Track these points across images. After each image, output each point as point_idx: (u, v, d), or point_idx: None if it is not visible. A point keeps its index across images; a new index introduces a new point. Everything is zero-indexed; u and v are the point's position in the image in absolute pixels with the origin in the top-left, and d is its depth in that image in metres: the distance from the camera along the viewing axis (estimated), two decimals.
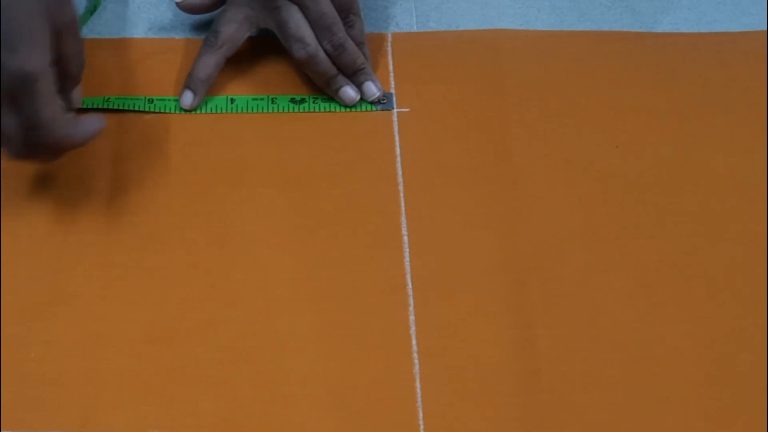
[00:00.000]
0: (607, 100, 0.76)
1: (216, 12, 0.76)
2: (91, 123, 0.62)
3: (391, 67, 0.78)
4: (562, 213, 0.70)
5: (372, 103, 0.75)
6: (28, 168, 0.70)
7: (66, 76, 0.62)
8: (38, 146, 0.60)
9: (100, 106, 0.72)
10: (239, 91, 0.76)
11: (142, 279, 0.67)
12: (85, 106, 0.72)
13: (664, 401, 0.63)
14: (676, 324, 0.66)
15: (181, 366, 0.63)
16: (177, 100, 0.74)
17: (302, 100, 0.75)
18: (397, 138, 0.74)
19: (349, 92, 0.74)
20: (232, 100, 0.75)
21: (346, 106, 0.75)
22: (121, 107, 0.73)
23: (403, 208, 0.70)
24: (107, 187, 0.70)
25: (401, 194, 0.71)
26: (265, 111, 0.74)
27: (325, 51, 0.73)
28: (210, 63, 0.73)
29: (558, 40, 0.80)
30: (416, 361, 0.64)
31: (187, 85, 0.73)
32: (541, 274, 0.68)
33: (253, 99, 0.75)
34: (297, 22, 0.72)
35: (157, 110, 0.73)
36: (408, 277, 0.67)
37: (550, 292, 0.67)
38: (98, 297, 0.66)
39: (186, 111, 0.74)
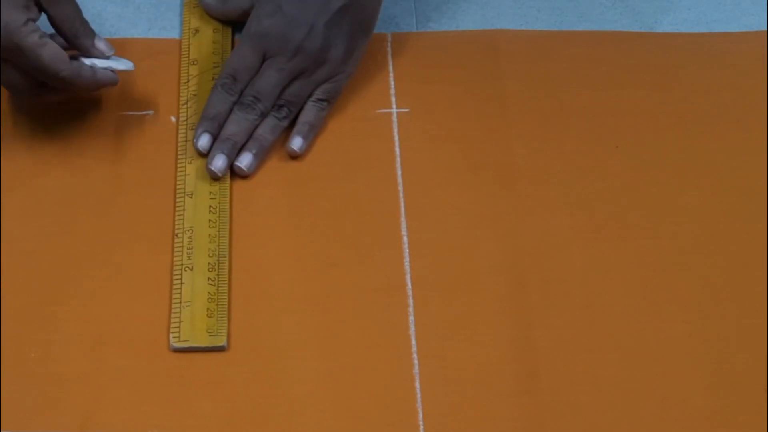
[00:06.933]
0: (607, 100, 0.76)
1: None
2: (104, 75, 0.68)
3: (391, 67, 0.77)
4: (562, 213, 0.70)
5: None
6: (27, 167, 0.70)
7: (67, 37, 0.67)
8: (46, 86, 0.66)
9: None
10: None
11: (142, 279, 0.66)
12: None
13: (664, 401, 0.63)
14: (676, 324, 0.66)
15: (181, 366, 0.63)
16: None
17: None
18: (396, 138, 0.74)
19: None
20: None
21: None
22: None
23: (403, 208, 0.70)
24: (107, 187, 0.70)
25: (401, 194, 0.71)
26: None
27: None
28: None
29: (558, 40, 0.80)
30: (416, 361, 0.64)
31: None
32: (541, 274, 0.68)
33: None
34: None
35: None
36: (408, 277, 0.67)
37: (550, 292, 0.67)
38: (98, 297, 0.66)
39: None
